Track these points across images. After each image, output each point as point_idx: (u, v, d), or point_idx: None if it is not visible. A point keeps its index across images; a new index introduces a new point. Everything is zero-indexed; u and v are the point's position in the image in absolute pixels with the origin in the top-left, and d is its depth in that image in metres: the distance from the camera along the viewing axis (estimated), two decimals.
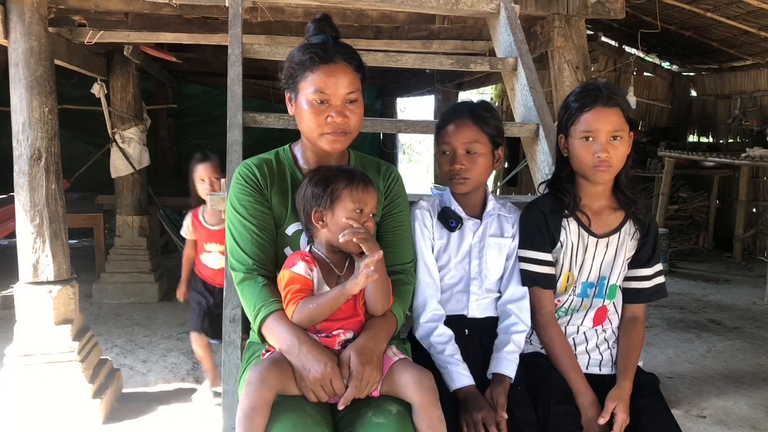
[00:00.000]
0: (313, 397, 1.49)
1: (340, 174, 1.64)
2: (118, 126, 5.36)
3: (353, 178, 1.63)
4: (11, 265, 3.33)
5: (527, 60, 2.63)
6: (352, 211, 1.60)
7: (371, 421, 1.46)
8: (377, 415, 1.47)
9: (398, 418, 1.47)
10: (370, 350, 1.54)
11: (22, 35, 2.93)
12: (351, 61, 1.67)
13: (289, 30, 3.95)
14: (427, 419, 1.49)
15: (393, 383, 1.54)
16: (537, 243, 1.85)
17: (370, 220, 1.64)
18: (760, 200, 7.43)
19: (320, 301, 1.55)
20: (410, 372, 1.54)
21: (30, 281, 3.06)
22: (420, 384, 1.51)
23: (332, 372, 1.48)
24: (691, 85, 8.70)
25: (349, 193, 1.61)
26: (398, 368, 1.55)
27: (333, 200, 1.60)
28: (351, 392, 1.48)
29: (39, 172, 3.00)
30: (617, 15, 3.46)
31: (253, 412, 1.42)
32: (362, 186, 1.62)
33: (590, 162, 1.76)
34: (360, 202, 1.61)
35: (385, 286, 1.63)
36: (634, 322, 1.90)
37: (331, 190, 1.61)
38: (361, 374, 1.49)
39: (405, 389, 1.52)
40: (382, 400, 1.52)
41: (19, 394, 3.00)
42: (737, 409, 3.38)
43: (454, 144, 1.83)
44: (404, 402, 1.52)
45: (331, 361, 1.51)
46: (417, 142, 18.23)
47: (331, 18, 1.76)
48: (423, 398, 1.50)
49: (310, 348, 1.51)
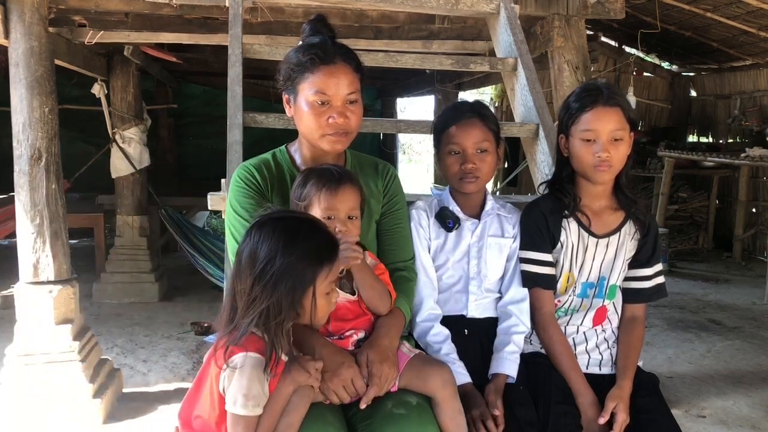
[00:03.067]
0: (336, 399, 1.50)
1: (312, 178, 1.59)
2: (118, 126, 5.37)
3: (322, 184, 1.56)
4: (11, 265, 3.33)
5: (527, 60, 2.63)
6: (322, 218, 1.55)
7: (392, 413, 1.48)
8: (398, 407, 1.49)
9: (419, 410, 1.50)
10: (385, 348, 1.56)
11: (22, 35, 2.93)
12: (350, 62, 1.67)
13: (289, 30, 3.95)
14: (449, 411, 1.54)
15: (413, 377, 1.56)
16: (537, 243, 1.85)
17: (344, 224, 1.56)
18: (759, 200, 7.43)
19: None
20: (430, 366, 1.59)
21: (30, 281, 3.06)
22: (441, 377, 1.55)
23: (354, 372, 1.50)
24: (690, 85, 8.70)
25: (318, 200, 1.56)
26: (418, 363, 1.59)
27: (306, 207, 1.58)
28: (372, 391, 1.50)
29: (39, 172, 3.01)
30: (617, 15, 3.46)
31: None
32: (331, 191, 1.55)
33: (591, 162, 1.76)
34: (329, 209, 1.55)
35: (379, 290, 1.62)
36: (634, 322, 1.90)
37: (303, 196, 1.58)
38: (380, 372, 1.51)
39: (427, 383, 1.55)
40: (400, 393, 1.55)
41: (19, 394, 3.00)
42: (737, 409, 3.38)
43: (464, 144, 1.83)
44: (422, 395, 1.55)
45: (351, 362, 1.52)
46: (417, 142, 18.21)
47: (326, 18, 1.76)
48: (444, 391, 1.54)
49: (330, 351, 1.52)
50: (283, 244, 1.34)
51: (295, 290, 1.35)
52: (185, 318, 4.89)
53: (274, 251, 1.34)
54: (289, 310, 1.35)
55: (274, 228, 1.37)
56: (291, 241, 1.35)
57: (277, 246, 1.34)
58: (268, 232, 1.36)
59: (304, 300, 1.36)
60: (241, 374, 1.31)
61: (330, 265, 1.39)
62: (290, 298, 1.34)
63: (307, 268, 1.35)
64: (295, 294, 1.34)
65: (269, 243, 1.35)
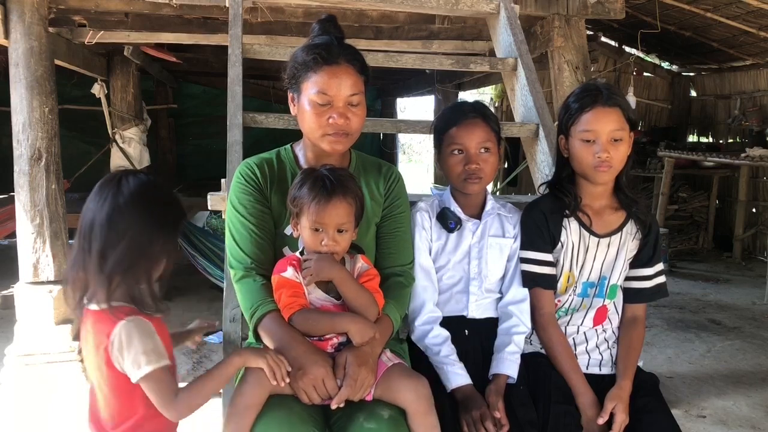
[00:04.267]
0: (306, 398, 1.49)
1: (306, 183, 1.57)
2: (118, 126, 5.37)
3: (314, 195, 1.54)
4: (11, 265, 3.33)
5: (527, 60, 2.63)
6: (309, 228, 1.55)
7: (363, 427, 1.46)
8: (369, 420, 1.46)
9: (389, 424, 1.47)
10: (366, 353, 1.53)
11: (22, 35, 2.94)
12: (354, 63, 1.66)
13: (289, 30, 3.95)
14: (422, 426, 1.49)
15: (387, 388, 1.53)
16: (538, 243, 1.85)
17: (332, 239, 1.55)
18: (759, 200, 7.42)
19: (317, 325, 1.55)
20: (405, 378, 1.53)
21: (30, 281, 3.07)
22: (415, 391, 1.50)
23: (325, 372, 1.48)
24: (690, 85, 8.69)
25: (307, 211, 1.55)
26: (393, 374, 1.55)
27: (297, 214, 1.58)
28: (345, 392, 1.47)
29: (39, 172, 3.01)
30: (617, 15, 3.46)
31: (246, 410, 1.43)
32: (321, 204, 1.53)
33: (591, 162, 1.76)
34: (317, 222, 1.54)
35: (364, 299, 1.59)
36: (635, 322, 1.90)
37: (295, 202, 1.58)
38: (357, 375, 1.48)
39: (399, 395, 1.51)
40: (374, 404, 1.51)
41: (19, 394, 3.00)
42: (737, 409, 3.38)
43: (468, 144, 1.82)
44: (397, 407, 1.51)
45: (324, 361, 1.50)
46: (417, 142, 18.22)
47: (336, 19, 1.76)
48: (418, 405, 1.50)
49: (305, 349, 1.51)
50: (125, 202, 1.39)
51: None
52: (185, 318, 4.86)
53: (122, 208, 1.38)
54: (139, 260, 1.38)
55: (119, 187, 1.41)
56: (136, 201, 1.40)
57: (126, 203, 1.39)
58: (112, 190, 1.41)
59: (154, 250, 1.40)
60: (128, 340, 1.33)
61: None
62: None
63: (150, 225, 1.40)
64: (143, 247, 1.38)
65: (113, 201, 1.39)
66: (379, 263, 1.76)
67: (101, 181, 1.44)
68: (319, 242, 1.55)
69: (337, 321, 1.56)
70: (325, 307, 1.59)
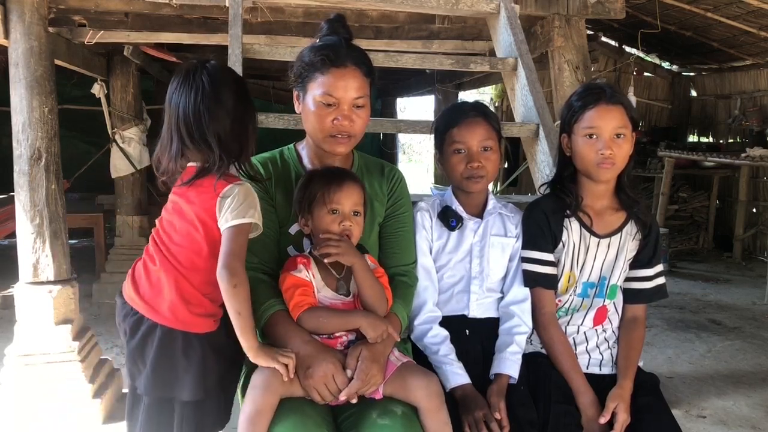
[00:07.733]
0: (318, 397, 1.49)
1: (316, 177, 1.62)
2: (118, 126, 5.37)
3: (327, 180, 1.59)
4: (11, 265, 3.32)
5: (527, 60, 2.63)
6: (327, 213, 1.58)
7: (376, 423, 1.47)
8: (382, 417, 1.47)
9: (403, 420, 1.48)
10: (379, 351, 1.55)
11: (22, 35, 2.93)
12: (361, 66, 1.67)
13: (289, 30, 3.95)
14: (434, 422, 1.51)
15: (398, 386, 1.54)
16: (539, 243, 1.85)
17: (349, 219, 1.60)
18: (760, 200, 7.43)
19: (329, 322, 1.56)
20: (417, 376, 1.55)
21: (30, 281, 3.06)
22: (427, 388, 1.52)
23: (334, 368, 1.49)
24: (691, 85, 8.69)
25: (323, 196, 1.58)
26: (404, 371, 1.56)
27: (310, 205, 1.60)
28: (355, 384, 1.48)
29: (39, 172, 3.00)
30: (617, 15, 3.46)
31: (258, 416, 1.43)
32: (336, 185, 1.58)
33: (594, 159, 1.76)
34: (334, 202, 1.58)
35: (377, 292, 1.61)
36: (635, 323, 1.90)
37: (307, 195, 1.60)
38: (369, 370, 1.49)
39: (411, 393, 1.53)
40: (386, 402, 1.52)
41: (19, 394, 2.99)
42: (737, 409, 3.38)
43: (470, 143, 1.83)
44: (408, 404, 1.53)
45: (333, 357, 1.51)
46: (417, 142, 18.24)
47: (344, 19, 1.77)
48: (430, 402, 1.51)
49: (314, 347, 1.52)
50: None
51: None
52: None
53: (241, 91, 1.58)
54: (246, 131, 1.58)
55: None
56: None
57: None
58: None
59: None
60: (244, 197, 1.49)
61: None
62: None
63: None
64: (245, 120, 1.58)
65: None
66: (383, 263, 1.77)
67: (182, 75, 1.63)
68: (337, 223, 1.58)
69: (348, 317, 1.57)
70: (334, 305, 1.60)
